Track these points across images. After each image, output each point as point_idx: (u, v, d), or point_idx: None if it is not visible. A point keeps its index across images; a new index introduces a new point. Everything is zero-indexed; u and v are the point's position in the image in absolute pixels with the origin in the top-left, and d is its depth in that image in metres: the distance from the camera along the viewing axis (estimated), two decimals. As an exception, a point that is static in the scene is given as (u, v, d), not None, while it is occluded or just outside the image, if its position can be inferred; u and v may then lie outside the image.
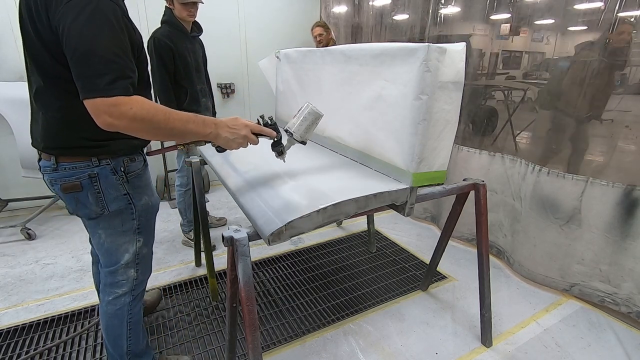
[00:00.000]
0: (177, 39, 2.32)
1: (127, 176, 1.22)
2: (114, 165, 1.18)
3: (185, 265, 2.52)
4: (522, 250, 2.36)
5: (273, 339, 1.85)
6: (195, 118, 1.07)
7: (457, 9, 2.77)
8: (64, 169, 1.13)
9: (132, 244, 1.31)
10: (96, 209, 1.19)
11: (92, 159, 1.14)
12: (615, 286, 2.00)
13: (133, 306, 1.39)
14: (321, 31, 3.46)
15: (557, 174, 2.10)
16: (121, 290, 1.34)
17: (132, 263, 1.33)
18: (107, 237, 1.26)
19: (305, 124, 1.23)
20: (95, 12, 0.94)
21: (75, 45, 0.93)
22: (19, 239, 2.85)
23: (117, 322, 1.37)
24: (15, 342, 1.82)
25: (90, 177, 1.15)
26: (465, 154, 2.70)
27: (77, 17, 0.92)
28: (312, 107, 1.23)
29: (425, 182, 1.29)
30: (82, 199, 1.17)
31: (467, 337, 1.87)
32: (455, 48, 1.18)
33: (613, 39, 1.82)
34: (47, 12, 0.96)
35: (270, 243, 1.04)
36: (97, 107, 0.94)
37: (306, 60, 1.88)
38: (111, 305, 1.35)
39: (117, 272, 1.32)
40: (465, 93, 1.28)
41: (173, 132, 1.03)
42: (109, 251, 1.29)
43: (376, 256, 2.66)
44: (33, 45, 1.02)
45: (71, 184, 1.14)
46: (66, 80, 1.01)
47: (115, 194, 1.21)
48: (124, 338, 1.39)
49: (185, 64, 2.38)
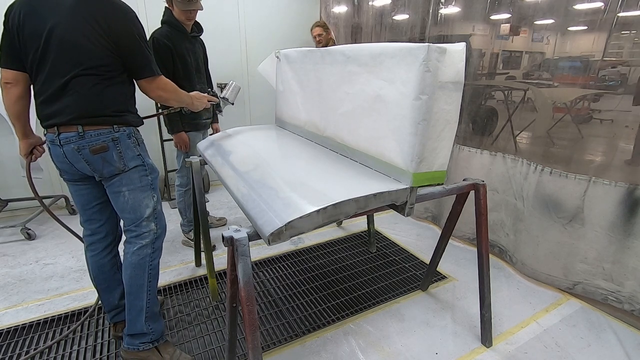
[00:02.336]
0: (176, 39, 2.33)
1: (138, 140, 1.53)
2: (129, 132, 1.48)
3: (185, 265, 2.52)
4: (525, 249, 2.36)
5: (273, 339, 1.85)
6: (185, 93, 1.72)
7: (457, 9, 2.77)
8: (90, 135, 1.40)
9: (150, 199, 1.57)
10: (119, 165, 1.47)
11: (114, 126, 1.43)
12: (619, 284, 2.00)
13: (153, 258, 1.60)
14: (320, 31, 3.47)
15: (559, 174, 2.10)
16: (144, 241, 1.57)
17: (152, 217, 1.58)
18: (130, 194, 1.52)
19: (234, 93, 2.23)
20: (138, 22, 1.44)
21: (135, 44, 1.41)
22: (19, 239, 2.85)
23: (140, 271, 1.56)
24: (15, 342, 1.82)
25: (113, 140, 1.43)
26: (467, 154, 2.70)
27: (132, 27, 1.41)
28: (235, 83, 2.23)
29: (425, 182, 1.29)
30: (109, 158, 1.44)
31: (467, 337, 1.87)
32: (455, 48, 1.18)
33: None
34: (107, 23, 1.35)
35: (270, 243, 1.04)
36: (157, 85, 1.50)
37: (306, 60, 1.88)
38: (135, 256, 1.56)
39: (141, 225, 1.56)
40: (465, 93, 1.28)
41: (182, 100, 1.69)
42: (133, 207, 1.54)
43: (376, 256, 2.66)
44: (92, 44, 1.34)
45: (99, 146, 1.41)
46: (108, 67, 1.38)
47: (132, 154, 1.49)
48: (144, 290, 1.58)
49: (185, 64, 2.39)
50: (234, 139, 2.01)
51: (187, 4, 2.28)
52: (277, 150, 1.87)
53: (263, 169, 1.50)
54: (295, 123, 2.10)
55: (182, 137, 2.50)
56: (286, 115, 2.22)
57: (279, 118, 2.33)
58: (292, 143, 1.94)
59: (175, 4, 2.30)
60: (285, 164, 1.62)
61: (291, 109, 2.12)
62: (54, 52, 1.34)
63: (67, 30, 1.32)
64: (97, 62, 1.36)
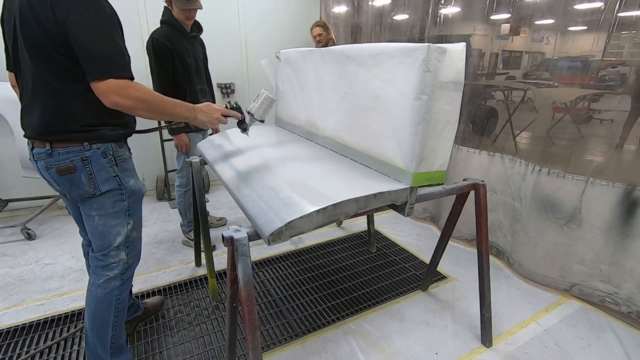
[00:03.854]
0: (175, 39, 2.32)
1: (116, 160, 1.33)
2: (104, 149, 1.28)
3: (185, 265, 2.52)
4: (523, 250, 2.36)
5: (273, 339, 1.85)
6: (181, 104, 1.33)
7: (457, 9, 2.77)
8: (58, 153, 1.23)
9: (123, 226, 1.39)
10: (89, 189, 1.28)
11: (84, 143, 1.24)
12: (616, 286, 2.00)
13: (122, 291, 1.44)
14: (320, 31, 3.46)
15: (557, 174, 2.10)
16: (112, 272, 1.40)
17: (123, 246, 1.40)
18: (100, 219, 1.34)
19: (263, 107, 1.56)
20: (99, 8, 1.12)
21: (87, 34, 1.09)
22: (19, 239, 2.85)
23: (106, 306, 1.41)
24: (15, 342, 1.82)
25: (83, 160, 1.25)
26: (465, 154, 2.70)
27: (85, 12, 1.08)
28: (267, 93, 1.55)
29: (425, 182, 1.29)
30: (76, 180, 1.26)
31: (467, 337, 1.87)
32: (455, 48, 1.18)
33: None
34: (52, 7, 1.08)
35: (270, 243, 1.04)
36: (109, 88, 1.11)
37: (306, 60, 1.88)
38: (101, 289, 1.39)
39: (109, 255, 1.38)
40: (465, 93, 1.28)
41: (165, 113, 1.28)
42: (102, 234, 1.36)
43: (376, 256, 2.66)
44: (35, 38, 1.12)
45: (66, 166, 1.24)
46: (65, 69, 1.15)
47: (106, 176, 1.30)
48: (109, 325, 1.43)
49: (184, 64, 2.37)
50: (234, 139, 2.01)
51: (186, 3, 2.26)
52: (277, 150, 1.87)
53: (263, 169, 1.50)
54: (295, 123, 2.10)
55: (183, 139, 2.50)
56: (286, 115, 2.22)
57: (279, 118, 2.33)
58: (292, 143, 1.94)
59: (174, 4, 2.28)
60: (285, 164, 1.62)
61: (291, 108, 2.12)
62: (21, 51, 1.17)
63: (23, 21, 1.12)
64: (55, 65, 1.14)
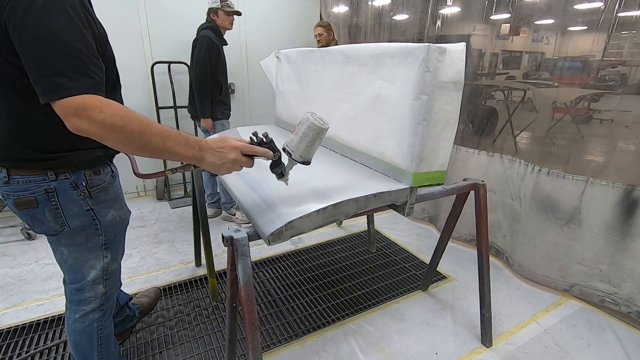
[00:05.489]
0: (219, 42, 2.84)
1: (90, 191, 1.09)
2: (74, 179, 1.05)
3: (185, 265, 2.52)
4: (522, 250, 2.36)
5: (273, 339, 1.85)
6: (178, 136, 0.91)
7: (457, 9, 2.77)
8: (16, 182, 1.01)
9: (98, 260, 1.19)
10: (55, 225, 1.07)
11: (48, 172, 1.01)
12: (616, 286, 2.00)
13: (103, 321, 1.29)
14: (322, 31, 3.46)
15: (557, 174, 2.10)
16: (89, 307, 1.24)
17: (100, 279, 1.21)
18: (71, 254, 1.14)
19: (306, 140, 1.02)
20: (49, 2, 0.81)
21: (30, 41, 0.81)
22: (19, 239, 2.84)
23: (87, 339, 1.28)
24: (15, 342, 1.82)
25: (47, 192, 1.03)
26: (465, 154, 2.70)
27: (29, 10, 0.80)
28: (312, 119, 1.00)
29: (425, 182, 1.29)
30: (39, 215, 1.05)
31: (467, 337, 1.87)
32: (455, 48, 1.18)
33: None
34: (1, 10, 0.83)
35: (270, 243, 1.04)
36: (64, 109, 0.81)
37: (306, 60, 1.88)
38: (79, 323, 1.25)
39: (84, 289, 1.21)
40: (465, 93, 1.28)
41: (148, 147, 0.87)
42: (73, 268, 1.17)
43: (376, 256, 2.66)
44: None
45: (25, 199, 1.01)
46: (17, 84, 0.91)
47: (76, 210, 1.08)
48: (94, 354, 1.31)
49: (223, 63, 2.89)
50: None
51: (232, 10, 2.83)
52: (277, 150, 1.87)
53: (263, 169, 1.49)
54: (295, 123, 2.09)
55: (209, 123, 2.89)
56: (286, 115, 2.21)
57: (279, 118, 2.33)
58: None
59: (221, 11, 2.78)
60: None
61: (291, 108, 2.12)
62: None
63: None
64: (6, 80, 0.92)
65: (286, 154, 1.07)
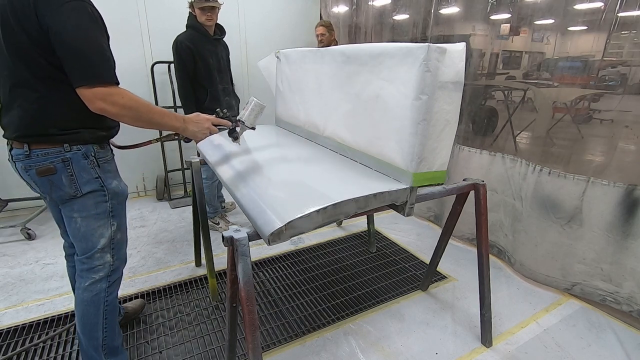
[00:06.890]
0: (198, 42, 2.54)
1: (98, 161, 1.31)
2: (85, 151, 1.27)
3: (185, 265, 2.52)
4: (524, 249, 2.36)
5: (273, 339, 1.85)
6: (170, 113, 1.32)
7: (457, 9, 2.77)
8: (36, 155, 1.22)
9: (106, 228, 1.37)
10: (69, 190, 1.28)
11: (64, 145, 1.23)
12: (617, 285, 2.00)
13: (109, 293, 1.42)
14: (323, 31, 3.45)
15: (558, 174, 2.10)
16: (98, 275, 1.38)
17: (107, 248, 1.39)
18: (83, 221, 1.33)
19: (253, 114, 1.54)
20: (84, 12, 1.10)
21: (71, 41, 1.08)
22: (19, 239, 2.84)
23: (94, 309, 1.39)
24: (15, 342, 1.81)
25: (64, 161, 1.24)
26: (466, 154, 2.70)
27: (69, 18, 1.07)
28: (256, 100, 1.53)
29: (425, 182, 1.29)
30: (56, 181, 1.25)
31: (467, 337, 1.87)
32: (455, 48, 1.18)
33: None
34: (36, 13, 1.07)
35: (270, 243, 1.04)
36: (95, 95, 1.10)
37: (306, 60, 1.87)
38: (87, 292, 1.38)
39: (94, 257, 1.37)
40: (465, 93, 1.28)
41: (152, 122, 1.25)
42: (85, 236, 1.35)
43: (376, 256, 2.66)
44: (17, 42, 1.12)
45: (46, 167, 1.23)
46: (47, 74, 1.15)
47: (87, 177, 1.29)
48: (99, 328, 1.41)
49: (206, 65, 2.57)
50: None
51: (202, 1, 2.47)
52: (277, 150, 1.87)
53: (263, 169, 1.50)
54: (295, 123, 2.10)
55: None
56: (286, 115, 2.21)
57: (279, 118, 2.33)
58: (292, 143, 1.94)
59: (194, 4, 2.49)
60: (285, 164, 1.62)
61: (291, 108, 2.12)
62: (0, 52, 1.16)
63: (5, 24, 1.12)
64: (37, 70, 1.14)
65: (240, 123, 1.54)
